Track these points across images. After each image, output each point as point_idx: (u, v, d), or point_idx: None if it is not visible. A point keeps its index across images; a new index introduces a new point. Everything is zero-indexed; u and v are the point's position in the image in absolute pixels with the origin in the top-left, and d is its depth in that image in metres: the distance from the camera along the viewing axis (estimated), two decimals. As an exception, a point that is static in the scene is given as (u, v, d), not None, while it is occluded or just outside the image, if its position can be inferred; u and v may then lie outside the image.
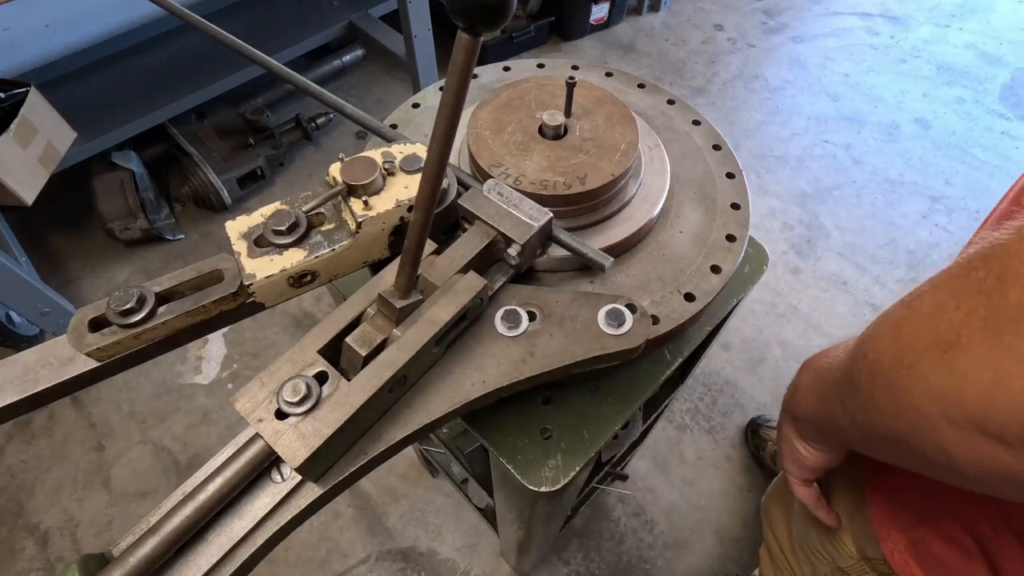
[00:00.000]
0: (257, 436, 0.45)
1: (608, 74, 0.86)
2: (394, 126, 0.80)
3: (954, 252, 2.16)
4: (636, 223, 0.65)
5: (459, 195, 0.58)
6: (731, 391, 1.89)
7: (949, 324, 0.36)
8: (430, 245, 0.56)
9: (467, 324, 0.53)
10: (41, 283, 1.76)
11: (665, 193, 0.68)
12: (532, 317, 0.55)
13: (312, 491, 0.46)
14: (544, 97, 0.70)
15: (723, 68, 2.91)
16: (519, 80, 0.73)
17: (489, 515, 1.43)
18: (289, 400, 0.43)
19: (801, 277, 2.15)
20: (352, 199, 0.54)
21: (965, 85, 2.83)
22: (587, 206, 0.63)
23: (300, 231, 0.54)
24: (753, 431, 1.82)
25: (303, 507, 0.46)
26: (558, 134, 0.66)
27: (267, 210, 0.55)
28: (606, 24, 3.05)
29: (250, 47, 0.67)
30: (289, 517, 0.46)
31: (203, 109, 2.21)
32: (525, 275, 0.63)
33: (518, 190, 0.59)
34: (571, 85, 0.64)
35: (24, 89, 1.59)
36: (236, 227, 0.54)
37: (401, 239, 0.55)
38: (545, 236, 0.58)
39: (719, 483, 1.73)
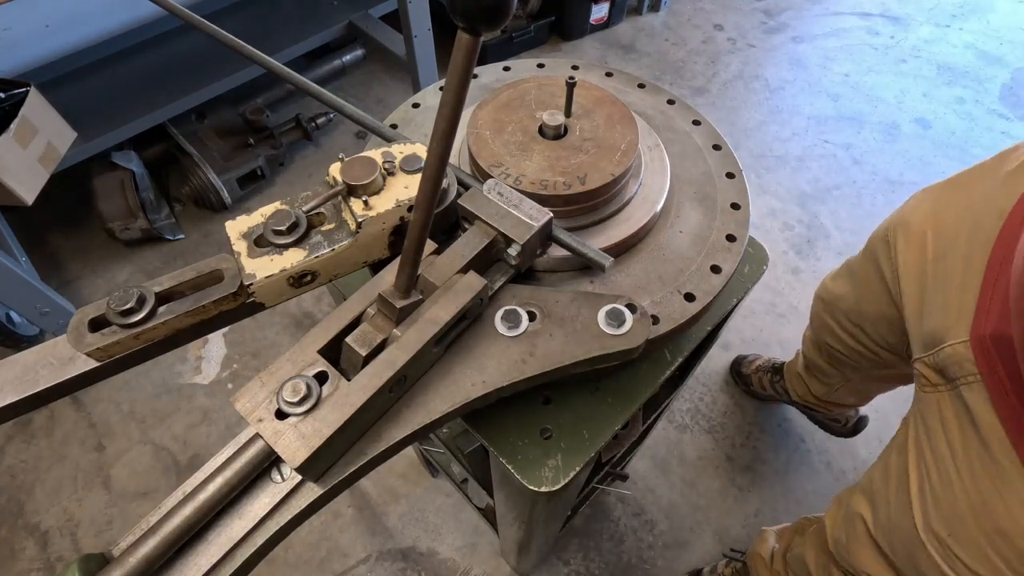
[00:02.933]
0: (257, 436, 0.45)
1: (608, 74, 0.86)
2: (394, 126, 0.80)
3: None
4: (636, 223, 0.65)
5: (459, 195, 0.58)
6: (731, 391, 1.89)
7: None
8: (430, 245, 0.56)
9: (467, 324, 0.53)
10: (41, 283, 1.76)
11: (665, 193, 0.68)
12: (532, 317, 0.55)
13: (312, 491, 0.46)
14: (544, 97, 0.70)
15: (723, 68, 2.91)
16: (519, 80, 0.73)
17: (489, 515, 1.43)
18: (289, 400, 0.43)
19: (801, 277, 2.15)
20: (352, 199, 0.54)
21: (965, 85, 2.83)
22: (587, 206, 0.63)
23: (300, 231, 0.54)
24: (738, 373, 1.87)
25: (303, 507, 0.46)
26: (558, 134, 0.66)
27: (267, 210, 0.55)
28: (606, 24, 3.05)
29: (250, 47, 0.67)
30: (289, 517, 0.46)
31: (203, 109, 2.21)
32: (525, 275, 0.63)
33: (518, 190, 0.59)
34: (571, 85, 0.64)
35: (24, 89, 1.59)
36: (236, 227, 0.54)
37: (401, 239, 0.55)
38: (545, 236, 0.58)
39: (719, 483, 1.73)
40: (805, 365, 1.53)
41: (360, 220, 0.53)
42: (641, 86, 0.84)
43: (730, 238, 0.67)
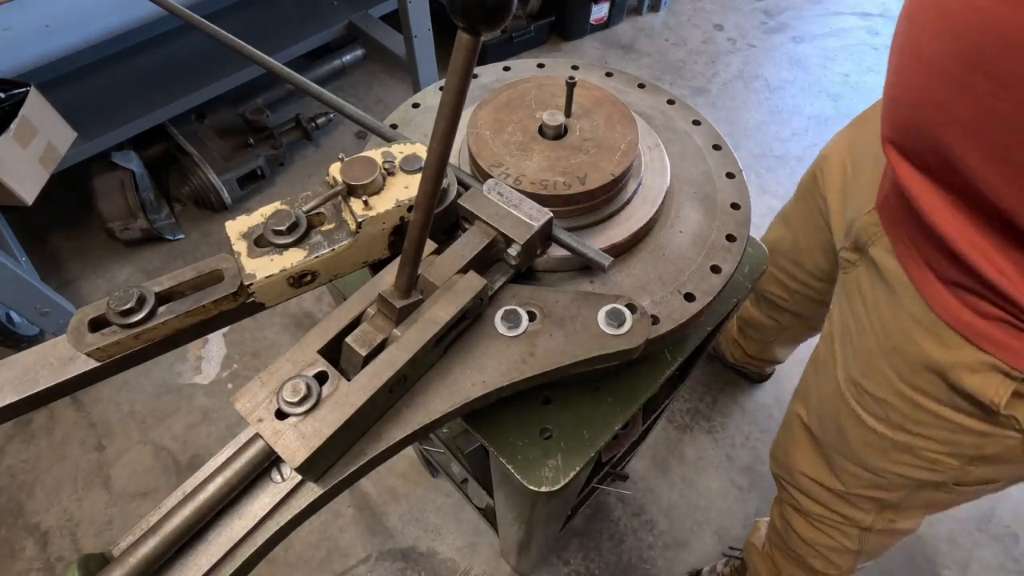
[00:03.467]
0: (257, 436, 0.45)
1: (608, 74, 0.86)
2: (394, 126, 0.80)
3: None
4: (636, 223, 0.65)
5: (459, 195, 0.58)
6: (731, 391, 1.89)
7: None
8: (430, 245, 0.56)
9: (467, 324, 0.53)
10: (41, 283, 1.76)
11: (665, 193, 0.68)
12: (532, 317, 0.55)
13: (312, 491, 0.46)
14: (544, 97, 0.70)
15: (723, 68, 2.91)
16: (519, 80, 0.73)
17: (489, 515, 1.43)
18: (289, 400, 0.43)
19: (801, 277, 2.15)
20: (352, 199, 0.54)
21: (965, 85, 2.83)
22: (587, 206, 0.63)
23: (300, 231, 0.54)
24: None
25: (303, 507, 0.46)
26: (558, 134, 0.66)
27: (267, 210, 0.55)
28: (606, 24, 3.05)
29: (250, 47, 0.67)
30: (289, 517, 0.46)
31: (203, 109, 2.21)
32: (525, 275, 0.63)
33: (518, 190, 0.59)
34: (571, 85, 0.64)
35: (24, 89, 1.59)
36: (236, 227, 0.54)
37: (401, 239, 0.55)
38: (545, 236, 0.58)
39: (719, 483, 1.73)
40: (739, 328, 1.67)
41: (360, 220, 0.53)
42: (641, 86, 0.84)
43: (730, 238, 0.67)
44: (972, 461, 0.77)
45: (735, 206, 0.70)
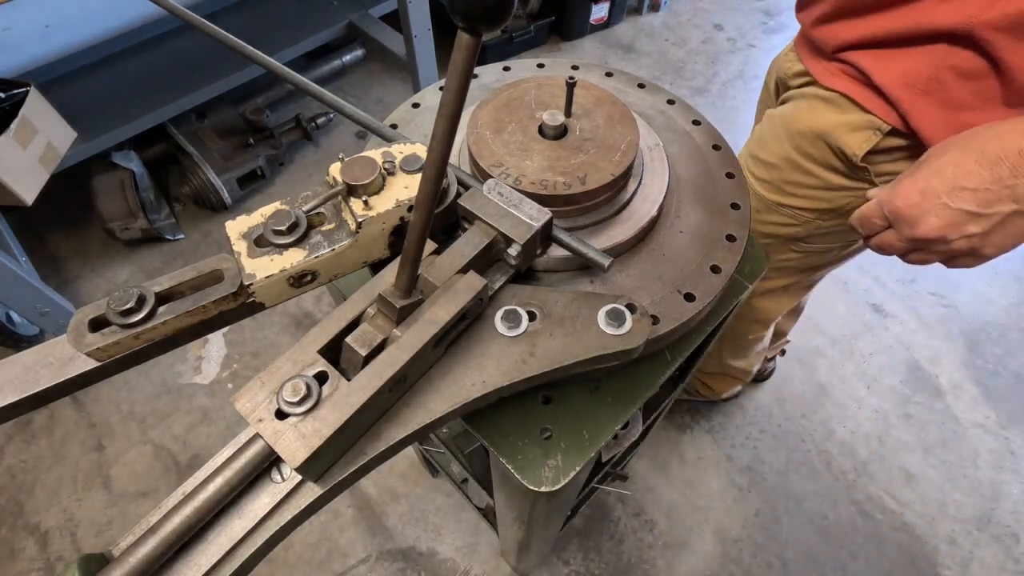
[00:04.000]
0: (257, 436, 0.45)
1: (608, 74, 0.86)
2: (394, 126, 0.80)
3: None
4: (636, 223, 0.65)
5: (459, 195, 0.58)
6: (731, 391, 1.89)
7: None
8: (430, 245, 0.56)
9: (467, 324, 0.53)
10: (41, 283, 1.76)
11: (665, 193, 0.68)
12: (532, 317, 0.55)
13: (312, 491, 0.46)
14: (544, 97, 0.70)
15: (723, 68, 2.91)
16: (519, 80, 0.73)
17: (489, 515, 1.43)
18: (289, 400, 0.43)
19: (801, 277, 2.14)
20: (352, 199, 0.54)
21: (965, 85, 2.83)
22: (587, 206, 0.63)
23: (300, 231, 0.54)
24: None
25: (303, 507, 0.46)
26: (558, 134, 0.66)
27: (267, 210, 0.55)
28: (606, 24, 3.05)
29: (250, 47, 0.67)
30: (289, 517, 0.46)
31: (203, 109, 2.21)
32: (525, 275, 0.63)
33: (518, 190, 0.59)
34: (571, 85, 0.64)
35: (24, 89, 1.59)
36: (236, 227, 0.54)
37: (401, 239, 0.55)
38: (545, 236, 0.58)
39: (719, 483, 1.73)
40: None
41: (360, 220, 0.53)
42: (641, 86, 0.84)
43: (730, 238, 0.67)
44: (823, 215, 0.96)
45: (735, 206, 0.70)
